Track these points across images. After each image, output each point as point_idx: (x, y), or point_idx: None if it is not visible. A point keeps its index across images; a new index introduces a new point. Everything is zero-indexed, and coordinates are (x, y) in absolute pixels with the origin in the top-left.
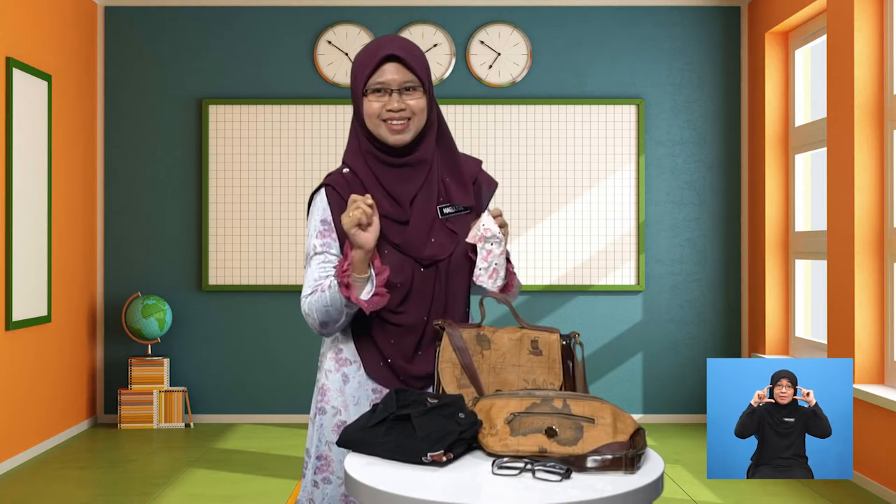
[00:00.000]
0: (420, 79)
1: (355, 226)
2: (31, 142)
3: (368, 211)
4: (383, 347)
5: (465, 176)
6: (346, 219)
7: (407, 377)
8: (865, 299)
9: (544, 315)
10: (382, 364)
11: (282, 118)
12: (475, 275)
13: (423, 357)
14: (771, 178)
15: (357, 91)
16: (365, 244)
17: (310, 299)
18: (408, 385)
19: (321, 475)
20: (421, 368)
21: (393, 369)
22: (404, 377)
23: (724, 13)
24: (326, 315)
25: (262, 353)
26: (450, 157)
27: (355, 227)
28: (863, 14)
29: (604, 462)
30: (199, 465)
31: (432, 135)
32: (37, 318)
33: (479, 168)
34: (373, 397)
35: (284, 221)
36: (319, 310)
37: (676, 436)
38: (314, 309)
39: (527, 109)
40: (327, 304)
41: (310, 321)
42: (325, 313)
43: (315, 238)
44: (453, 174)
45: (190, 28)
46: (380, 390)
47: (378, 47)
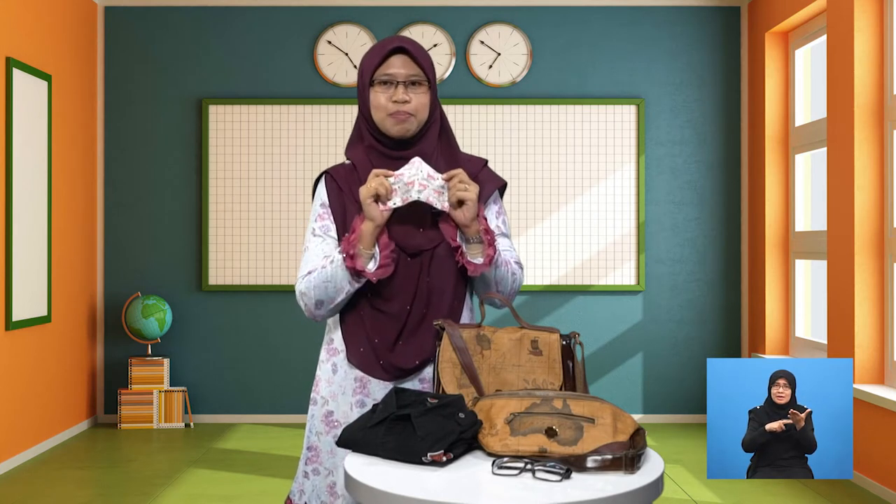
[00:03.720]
0: (426, 74)
1: (371, 196)
2: (31, 142)
3: (387, 184)
4: (366, 332)
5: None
6: (363, 189)
7: (387, 364)
8: (865, 299)
9: (544, 315)
10: (363, 350)
11: (282, 118)
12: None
13: (403, 347)
14: (771, 178)
15: (364, 83)
16: (376, 217)
17: (308, 277)
18: (387, 372)
19: (311, 466)
20: (401, 359)
21: (375, 354)
22: (385, 364)
23: (724, 13)
24: (324, 292)
25: (262, 353)
26: (450, 154)
27: (371, 198)
28: (863, 14)
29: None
30: (199, 465)
31: (434, 130)
32: (37, 318)
33: (482, 167)
34: (355, 386)
35: (284, 221)
36: (318, 286)
37: (676, 436)
38: (312, 286)
39: (527, 109)
40: (328, 279)
41: (304, 301)
42: (324, 290)
43: (314, 222)
44: (451, 168)
45: (190, 28)
46: (361, 379)
47: (386, 42)
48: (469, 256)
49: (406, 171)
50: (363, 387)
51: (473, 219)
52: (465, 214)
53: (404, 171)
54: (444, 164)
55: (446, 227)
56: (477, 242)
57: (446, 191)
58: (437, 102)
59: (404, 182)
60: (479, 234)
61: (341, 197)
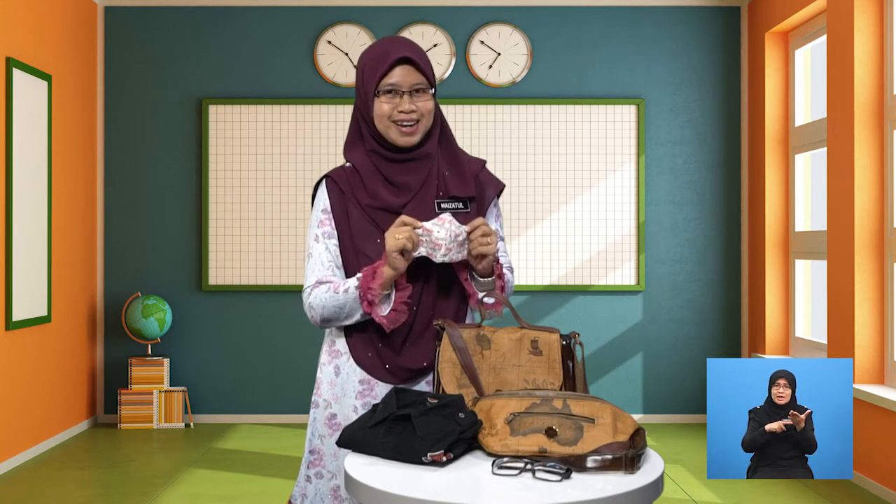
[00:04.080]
0: (429, 80)
1: (398, 250)
2: (31, 142)
3: (415, 238)
4: (372, 336)
5: (465, 169)
6: (390, 240)
7: (394, 367)
8: (865, 299)
9: (544, 315)
10: (371, 353)
11: (282, 118)
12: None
13: (410, 349)
14: (771, 178)
15: (367, 91)
16: (399, 268)
17: (317, 293)
18: (394, 375)
19: (314, 469)
20: (408, 361)
21: (381, 358)
22: (392, 367)
23: (724, 13)
24: (334, 314)
25: (262, 353)
26: (450, 153)
27: (397, 251)
28: (863, 14)
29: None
30: (199, 465)
31: (436, 133)
32: (37, 318)
33: (482, 167)
34: (360, 389)
35: (284, 221)
36: (328, 307)
37: (676, 436)
38: (322, 306)
39: (527, 109)
40: (340, 305)
41: (312, 313)
42: (334, 313)
43: (316, 228)
44: (452, 168)
45: (190, 28)
46: (367, 381)
47: (388, 49)
48: (477, 287)
49: (435, 229)
50: (370, 389)
51: (489, 266)
52: (485, 266)
53: (433, 227)
54: (445, 165)
55: (460, 271)
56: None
57: (467, 242)
58: (436, 103)
59: (432, 240)
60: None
61: (343, 200)
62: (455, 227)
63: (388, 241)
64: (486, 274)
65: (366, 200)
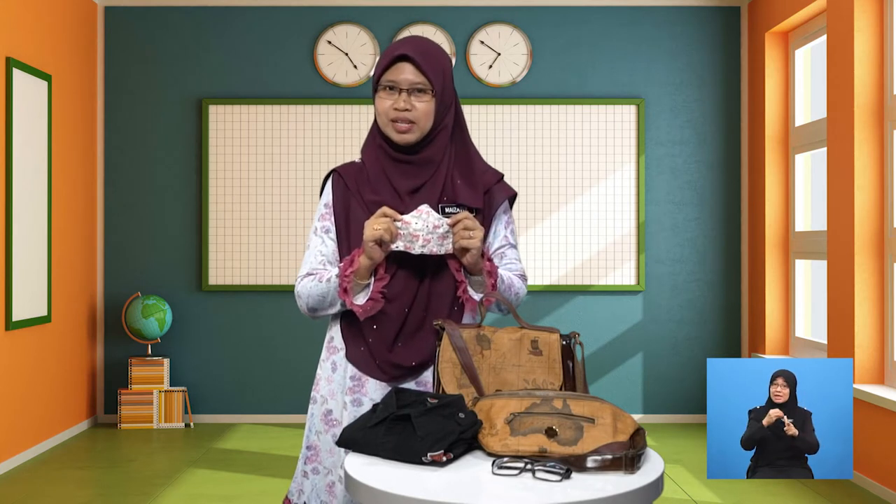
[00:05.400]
0: (431, 82)
1: (375, 240)
2: (31, 142)
3: (393, 229)
4: (364, 332)
5: (478, 178)
6: (368, 230)
7: (385, 364)
8: (865, 299)
9: (544, 315)
10: (363, 349)
11: (282, 118)
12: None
13: (402, 348)
14: (771, 178)
15: (373, 85)
16: (375, 258)
17: (305, 282)
18: (384, 372)
19: (310, 465)
20: (399, 358)
21: (372, 355)
22: (382, 363)
23: (724, 13)
24: (319, 303)
25: (262, 353)
26: (465, 158)
27: (374, 241)
28: (863, 14)
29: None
30: (199, 465)
31: (444, 136)
32: (37, 318)
33: (497, 180)
34: (350, 385)
35: (284, 221)
36: (313, 296)
37: (676, 436)
38: (308, 294)
39: (527, 109)
40: (323, 294)
41: (300, 303)
42: (318, 301)
43: (317, 221)
44: (465, 175)
45: (190, 28)
46: (358, 378)
47: (398, 46)
48: (471, 286)
49: (413, 220)
50: (361, 386)
51: (477, 263)
52: (469, 260)
53: (411, 219)
54: (458, 173)
55: (452, 261)
56: (479, 274)
57: (451, 235)
58: (449, 108)
59: (409, 231)
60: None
61: (347, 195)
62: (434, 218)
63: (367, 231)
64: (474, 271)
65: (369, 197)
